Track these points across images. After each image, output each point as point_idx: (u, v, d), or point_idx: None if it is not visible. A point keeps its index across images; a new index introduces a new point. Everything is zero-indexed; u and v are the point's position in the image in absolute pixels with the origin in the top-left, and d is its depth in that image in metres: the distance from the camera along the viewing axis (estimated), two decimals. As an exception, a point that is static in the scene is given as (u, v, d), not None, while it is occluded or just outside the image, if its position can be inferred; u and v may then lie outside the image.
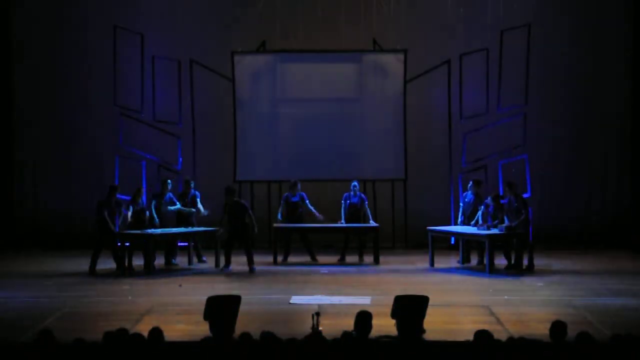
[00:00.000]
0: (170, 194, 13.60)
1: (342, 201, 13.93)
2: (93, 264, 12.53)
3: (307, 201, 13.92)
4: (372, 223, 13.72)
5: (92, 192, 14.82)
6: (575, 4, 15.62)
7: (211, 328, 8.02)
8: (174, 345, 6.64)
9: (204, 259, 13.70)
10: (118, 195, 13.12)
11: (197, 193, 13.83)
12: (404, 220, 15.46)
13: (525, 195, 14.90)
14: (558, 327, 6.46)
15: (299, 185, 13.98)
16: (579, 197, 15.70)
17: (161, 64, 15.41)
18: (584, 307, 9.72)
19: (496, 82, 15.22)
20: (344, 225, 13.79)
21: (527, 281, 11.78)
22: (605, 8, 15.57)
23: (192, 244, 13.56)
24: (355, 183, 13.98)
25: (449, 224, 14.76)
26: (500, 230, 12.50)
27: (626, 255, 14.33)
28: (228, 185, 13.67)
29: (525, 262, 12.72)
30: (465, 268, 13.10)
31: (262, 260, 13.68)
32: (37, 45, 15.73)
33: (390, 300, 8.24)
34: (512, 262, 12.77)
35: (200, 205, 13.64)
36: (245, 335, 6.22)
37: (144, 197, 13.31)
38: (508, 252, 12.86)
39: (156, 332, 6.30)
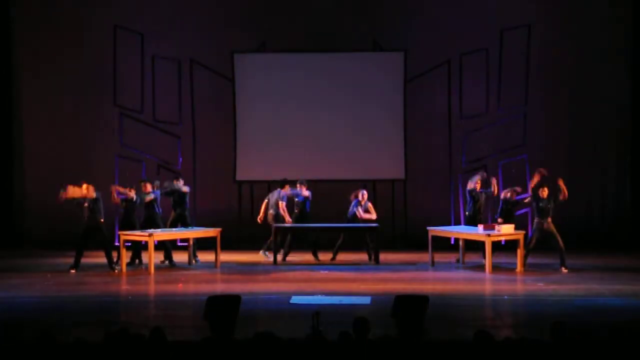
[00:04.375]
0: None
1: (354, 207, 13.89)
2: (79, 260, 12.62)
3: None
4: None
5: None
6: (575, 4, 15.62)
7: (211, 328, 8.03)
8: (174, 345, 6.63)
9: (197, 260, 13.68)
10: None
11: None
12: (404, 220, 15.46)
13: (524, 196, 14.95)
14: (558, 327, 6.46)
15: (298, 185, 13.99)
16: (579, 197, 15.65)
17: (161, 64, 15.42)
18: (584, 307, 9.72)
19: (496, 82, 15.23)
20: (345, 225, 13.79)
21: (527, 281, 11.78)
22: (605, 8, 15.56)
23: (191, 244, 13.55)
24: (364, 192, 13.94)
25: (449, 224, 14.77)
26: None
27: (626, 255, 14.33)
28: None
29: (527, 261, 12.80)
30: (465, 268, 13.10)
31: (262, 260, 13.70)
32: (37, 45, 15.71)
33: (390, 300, 8.25)
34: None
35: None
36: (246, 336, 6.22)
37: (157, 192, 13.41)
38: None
39: (158, 332, 6.31)
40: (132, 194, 13.08)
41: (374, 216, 13.73)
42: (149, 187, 13.31)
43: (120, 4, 15.57)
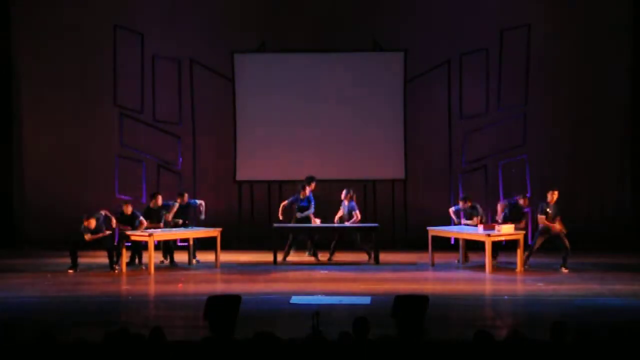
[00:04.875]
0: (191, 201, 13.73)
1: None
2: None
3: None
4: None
5: (92, 193, 14.85)
6: (575, 3, 15.62)
7: (211, 328, 8.03)
8: (174, 345, 6.63)
9: (197, 260, 13.67)
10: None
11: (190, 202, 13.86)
12: (404, 220, 15.46)
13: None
14: (558, 327, 6.46)
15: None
16: (579, 197, 15.69)
17: (161, 64, 15.41)
18: (584, 307, 9.72)
19: (496, 82, 15.22)
20: (345, 225, 13.79)
21: (527, 281, 11.78)
22: (605, 8, 15.56)
23: (191, 244, 13.53)
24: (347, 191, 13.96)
25: (449, 224, 14.76)
26: None
27: (626, 255, 14.32)
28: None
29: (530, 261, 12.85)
30: (465, 268, 13.10)
31: (262, 260, 13.72)
32: (37, 45, 15.71)
33: (390, 300, 8.25)
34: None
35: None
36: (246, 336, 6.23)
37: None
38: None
39: (158, 332, 6.31)
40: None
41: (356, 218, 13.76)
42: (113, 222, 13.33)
43: (120, 4, 15.57)
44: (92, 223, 12.63)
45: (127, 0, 15.66)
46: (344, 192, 13.86)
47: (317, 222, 13.84)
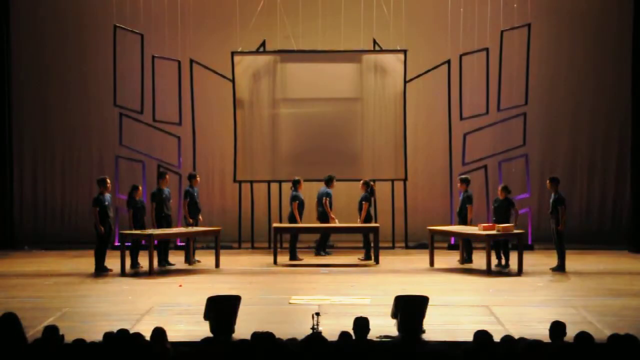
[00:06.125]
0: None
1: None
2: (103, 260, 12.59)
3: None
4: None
5: (91, 193, 14.83)
6: (576, 4, 15.62)
7: (211, 328, 8.05)
8: (174, 345, 6.64)
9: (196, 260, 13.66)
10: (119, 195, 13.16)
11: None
12: (404, 220, 15.46)
13: (524, 195, 14.97)
14: (558, 327, 6.47)
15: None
16: (579, 197, 15.72)
17: (161, 64, 15.41)
18: (584, 307, 9.73)
19: (496, 82, 15.23)
20: (344, 225, 13.80)
21: (527, 281, 11.78)
22: (606, 8, 15.56)
23: (191, 244, 13.51)
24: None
25: (449, 224, 14.77)
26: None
27: (626, 255, 14.34)
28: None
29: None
30: (465, 268, 13.09)
31: (262, 260, 13.71)
32: (37, 45, 15.73)
33: (390, 300, 8.26)
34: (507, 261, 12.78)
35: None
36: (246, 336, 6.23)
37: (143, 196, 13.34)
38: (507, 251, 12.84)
39: (158, 332, 6.32)
40: None
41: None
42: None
43: (120, 4, 15.55)
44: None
45: (127, 0, 15.65)
46: (362, 182, 13.93)
47: (336, 221, 13.86)
